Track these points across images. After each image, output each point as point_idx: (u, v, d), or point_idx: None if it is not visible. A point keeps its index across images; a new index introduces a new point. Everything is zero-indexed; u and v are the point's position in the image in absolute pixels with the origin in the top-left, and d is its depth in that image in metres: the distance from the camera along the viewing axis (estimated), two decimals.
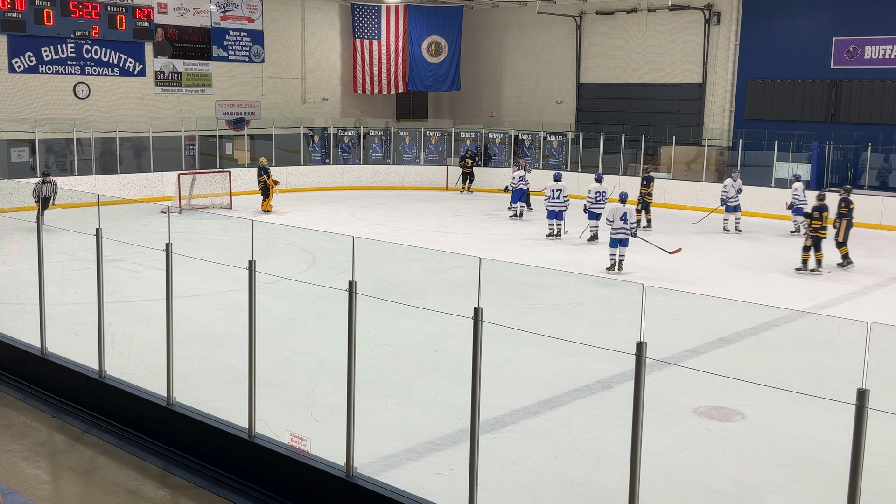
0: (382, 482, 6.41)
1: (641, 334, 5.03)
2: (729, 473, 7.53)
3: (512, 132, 30.18)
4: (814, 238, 16.11)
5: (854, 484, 4.39)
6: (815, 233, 16.05)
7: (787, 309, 13.18)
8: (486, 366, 5.75)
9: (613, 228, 16.00)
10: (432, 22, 32.51)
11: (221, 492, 7.01)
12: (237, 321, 8.71)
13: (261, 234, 7.28)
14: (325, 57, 31.57)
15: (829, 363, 10.18)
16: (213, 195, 23.81)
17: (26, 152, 24.12)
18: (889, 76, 24.59)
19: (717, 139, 27.76)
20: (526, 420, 8.66)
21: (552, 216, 19.52)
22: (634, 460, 5.11)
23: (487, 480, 6.71)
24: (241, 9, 28.93)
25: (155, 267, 8.90)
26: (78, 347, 9.42)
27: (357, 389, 6.43)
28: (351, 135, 29.87)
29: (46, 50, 24.70)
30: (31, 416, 8.62)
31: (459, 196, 27.66)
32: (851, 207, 17.15)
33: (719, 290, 14.62)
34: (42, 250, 9.48)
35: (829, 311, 13.41)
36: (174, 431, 7.78)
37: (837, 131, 25.13)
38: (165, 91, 27.51)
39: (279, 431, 7.15)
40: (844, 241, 16.79)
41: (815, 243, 16.14)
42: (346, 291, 6.32)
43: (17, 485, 7.02)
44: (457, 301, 6.66)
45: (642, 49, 29.45)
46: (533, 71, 32.43)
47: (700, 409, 8.83)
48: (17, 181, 21.86)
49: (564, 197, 19.36)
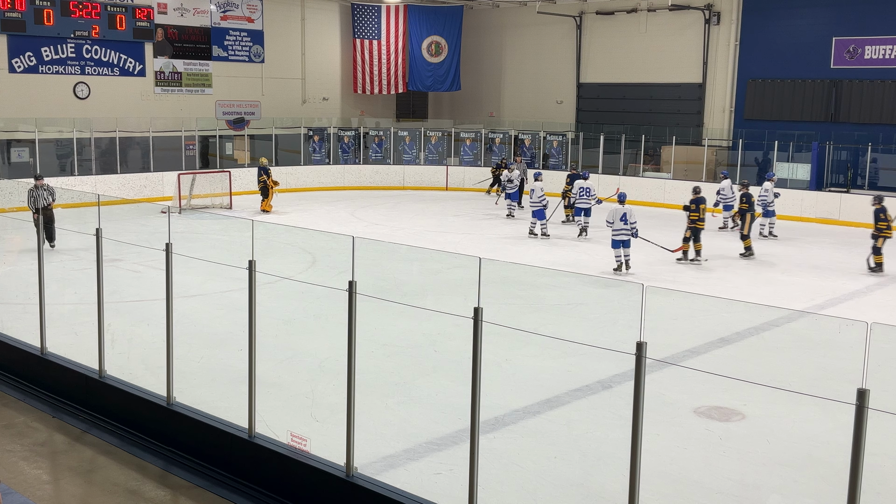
0: (382, 482, 6.41)
1: (641, 334, 5.03)
2: (729, 473, 7.53)
3: (512, 132, 30.18)
4: (692, 229, 16.99)
5: (854, 484, 4.39)
6: (693, 224, 16.96)
7: (787, 309, 13.18)
8: (486, 366, 5.75)
9: (614, 230, 15.99)
10: (432, 22, 32.51)
11: (221, 492, 7.01)
12: (237, 321, 8.71)
13: (261, 234, 7.28)
14: (325, 57, 31.57)
15: (829, 363, 10.18)
16: (213, 195, 23.82)
17: (26, 152, 24.12)
18: (889, 76, 24.59)
19: (717, 139, 27.76)
20: (526, 420, 8.66)
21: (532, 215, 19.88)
22: (634, 460, 5.11)
23: (487, 480, 6.71)
24: (241, 9, 28.93)
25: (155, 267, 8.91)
26: (78, 347, 9.42)
27: (357, 389, 6.43)
28: (351, 135, 29.88)
29: (46, 50, 24.70)
30: (31, 416, 8.62)
31: (459, 196, 27.66)
32: (753, 202, 18.39)
33: (719, 290, 14.63)
34: (42, 250, 9.49)
35: (829, 311, 13.41)
36: (174, 431, 7.78)
37: (837, 131, 25.13)
38: (165, 91, 27.51)
39: (279, 431, 7.15)
40: (748, 234, 17.93)
41: (694, 234, 17.02)
42: (346, 291, 6.32)
43: (17, 485, 7.02)
44: (457, 301, 6.66)
45: (642, 49, 29.45)
46: (533, 71, 32.43)
47: (700, 409, 8.83)
48: (17, 181, 21.86)
49: (541, 196, 19.45)
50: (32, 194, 16.67)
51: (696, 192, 17.38)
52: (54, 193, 17.00)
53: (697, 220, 16.97)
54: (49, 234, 16.14)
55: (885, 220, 16.37)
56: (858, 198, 23.09)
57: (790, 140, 25.17)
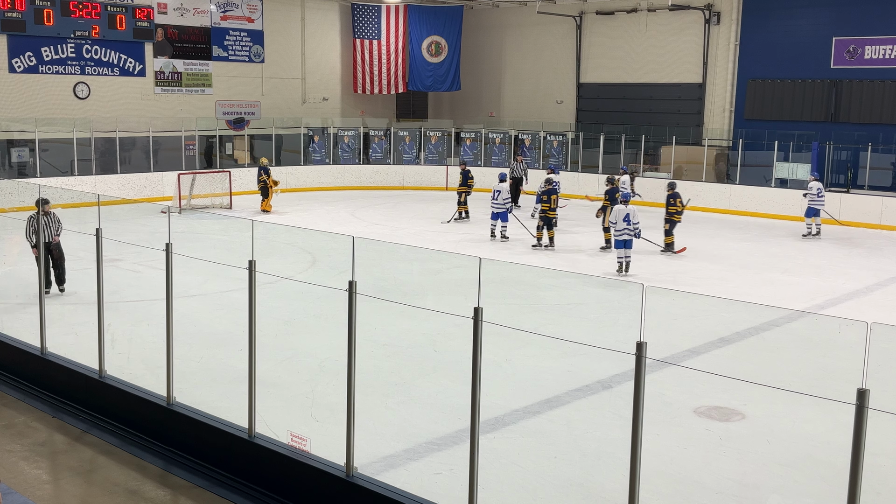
0: (382, 482, 6.41)
1: (641, 334, 5.03)
2: (729, 473, 7.53)
3: (512, 132, 30.18)
4: (544, 218, 18.32)
5: (854, 484, 4.39)
6: (545, 213, 18.32)
7: (787, 309, 13.18)
8: (486, 366, 5.75)
9: (616, 230, 15.95)
10: (432, 22, 32.51)
11: (221, 492, 7.01)
12: (237, 321, 8.71)
13: (261, 234, 7.28)
14: (325, 57, 31.57)
15: (829, 363, 10.18)
16: (213, 195, 23.82)
17: (26, 152, 24.12)
18: (889, 76, 24.59)
19: (717, 139, 27.76)
20: (526, 420, 8.66)
21: (493, 217, 19.57)
22: (634, 460, 5.11)
23: (487, 480, 6.71)
24: (241, 9, 28.93)
25: (155, 267, 8.91)
26: (78, 347, 9.42)
27: (357, 389, 6.42)
28: (351, 135, 29.88)
29: (46, 50, 24.71)
30: (31, 416, 8.62)
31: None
32: (617, 196, 18.94)
33: (719, 290, 14.62)
34: (43, 251, 9.49)
35: (829, 311, 13.41)
36: (174, 431, 7.78)
37: (837, 131, 25.13)
38: (165, 91, 27.51)
39: (279, 431, 7.15)
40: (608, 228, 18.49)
41: (546, 223, 18.34)
42: (346, 291, 6.32)
43: (17, 485, 7.02)
44: (457, 301, 6.66)
45: (642, 49, 29.45)
46: (533, 71, 32.42)
47: (700, 409, 8.83)
48: (17, 181, 21.87)
49: (505, 199, 19.23)
50: (32, 223, 12.93)
51: (548, 184, 18.43)
52: (61, 225, 13.53)
53: (549, 210, 18.21)
54: (59, 275, 13.32)
55: (674, 206, 18.14)
56: (859, 198, 23.12)
57: (790, 140, 25.17)
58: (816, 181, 20.87)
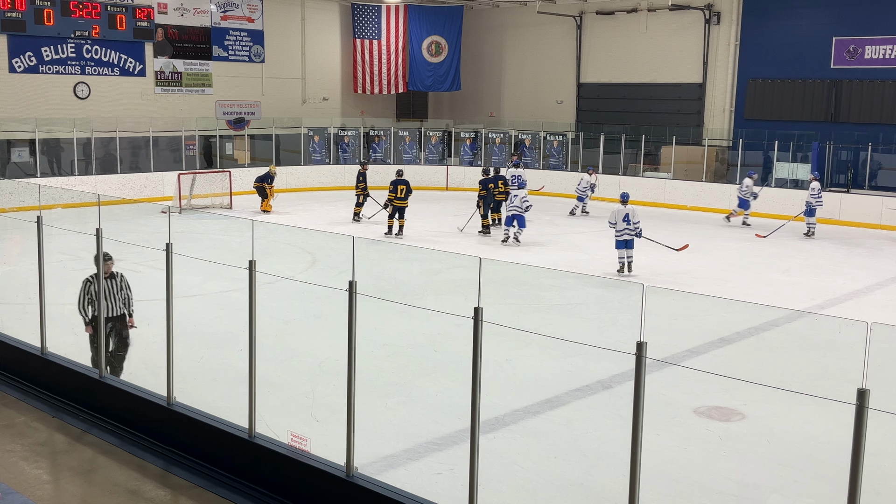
0: (382, 482, 6.41)
1: (641, 334, 5.03)
2: (729, 473, 7.53)
3: (512, 132, 30.17)
4: (395, 208, 19.92)
5: (854, 484, 4.39)
6: (393, 203, 19.92)
7: (787, 309, 13.18)
8: (486, 366, 5.75)
9: (617, 230, 15.89)
10: (432, 22, 32.50)
11: (221, 492, 7.01)
12: (237, 321, 8.70)
13: (261, 234, 7.28)
14: (325, 57, 31.56)
15: (829, 363, 10.18)
16: (213, 195, 23.81)
17: (26, 152, 24.12)
18: (889, 76, 24.58)
19: (717, 139, 27.76)
20: (526, 420, 8.66)
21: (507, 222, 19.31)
22: (634, 460, 5.11)
23: (487, 480, 6.71)
24: (241, 9, 28.93)
25: (155, 267, 8.89)
26: (78, 347, 9.42)
27: (357, 389, 6.42)
28: (351, 135, 29.87)
29: (46, 50, 24.70)
30: (31, 416, 8.62)
31: (459, 196, 27.61)
32: (490, 187, 20.57)
33: (719, 290, 14.62)
34: (42, 251, 9.48)
35: (829, 311, 13.41)
36: (174, 431, 7.78)
37: (837, 131, 25.12)
38: (165, 91, 27.51)
39: (279, 431, 7.15)
40: (486, 215, 20.50)
41: (397, 211, 19.93)
42: (346, 291, 6.32)
43: (17, 485, 7.02)
44: (457, 301, 6.66)
45: (642, 49, 29.44)
46: (533, 71, 32.42)
47: (700, 409, 8.83)
48: (17, 181, 21.85)
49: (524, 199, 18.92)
50: (90, 287, 9.20)
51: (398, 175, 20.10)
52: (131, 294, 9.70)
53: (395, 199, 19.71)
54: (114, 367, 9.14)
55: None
56: (859, 198, 23.12)
57: (790, 140, 25.17)
58: (816, 181, 20.88)
